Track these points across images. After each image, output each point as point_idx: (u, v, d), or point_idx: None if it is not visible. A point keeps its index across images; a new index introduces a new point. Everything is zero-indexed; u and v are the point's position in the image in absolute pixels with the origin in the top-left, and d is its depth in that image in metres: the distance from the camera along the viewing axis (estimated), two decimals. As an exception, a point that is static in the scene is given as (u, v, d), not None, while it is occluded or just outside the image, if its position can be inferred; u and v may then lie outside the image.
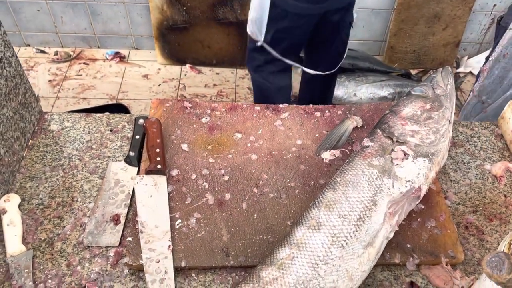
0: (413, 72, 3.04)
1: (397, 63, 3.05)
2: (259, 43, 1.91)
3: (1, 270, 0.92)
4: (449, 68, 1.14)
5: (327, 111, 1.23)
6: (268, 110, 1.22)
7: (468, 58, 3.14)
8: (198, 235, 0.96)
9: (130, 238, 0.95)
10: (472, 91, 1.89)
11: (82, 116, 1.23)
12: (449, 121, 1.03)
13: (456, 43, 3.02)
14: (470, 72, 3.05)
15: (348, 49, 2.94)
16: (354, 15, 1.97)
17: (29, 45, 3.08)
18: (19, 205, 1.01)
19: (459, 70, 3.09)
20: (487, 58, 1.87)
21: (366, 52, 3.04)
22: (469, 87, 2.98)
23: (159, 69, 3.01)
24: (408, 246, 0.95)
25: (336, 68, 2.13)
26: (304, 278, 0.80)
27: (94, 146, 1.15)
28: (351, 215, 0.85)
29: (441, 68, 1.14)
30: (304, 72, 2.21)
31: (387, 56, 3.06)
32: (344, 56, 2.11)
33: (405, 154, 0.95)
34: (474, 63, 3.07)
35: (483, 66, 1.83)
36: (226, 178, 1.06)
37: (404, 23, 2.87)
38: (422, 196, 0.94)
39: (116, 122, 1.21)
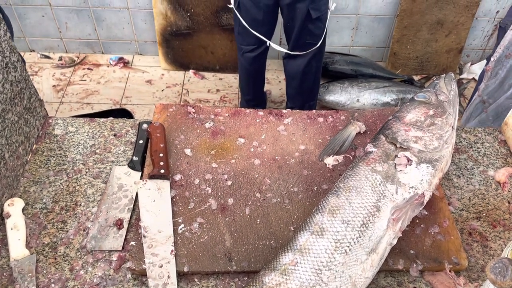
0: (416, 78, 3.04)
1: (400, 69, 3.06)
2: (230, 5, 2.19)
3: (4, 274, 0.92)
4: (452, 74, 1.15)
5: (330, 117, 1.23)
6: (271, 115, 1.23)
7: (471, 64, 3.14)
8: (201, 240, 0.96)
9: (133, 243, 0.95)
10: (478, 90, 1.88)
11: (86, 120, 1.24)
12: (452, 127, 1.03)
13: (459, 49, 3.02)
14: (473, 79, 3.05)
15: (351, 55, 2.98)
16: (332, 5, 2.12)
17: (34, 51, 3.10)
18: (23, 209, 1.01)
19: (462, 76, 3.09)
20: (488, 59, 1.87)
21: (369, 58, 3.06)
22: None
23: (163, 74, 3.02)
24: (412, 252, 0.95)
25: (306, 52, 2.24)
26: (307, 284, 0.80)
27: (97, 151, 1.16)
28: (355, 221, 0.85)
29: (444, 74, 1.14)
30: (285, 63, 2.41)
31: (390, 62, 3.06)
32: (318, 45, 2.21)
33: (408, 160, 0.95)
34: (477, 70, 3.06)
35: (485, 66, 1.82)
36: (229, 183, 1.06)
37: (407, 30, 2.88)
38: (425, 202, 0.94)
39: (119, 127, 1.22)
